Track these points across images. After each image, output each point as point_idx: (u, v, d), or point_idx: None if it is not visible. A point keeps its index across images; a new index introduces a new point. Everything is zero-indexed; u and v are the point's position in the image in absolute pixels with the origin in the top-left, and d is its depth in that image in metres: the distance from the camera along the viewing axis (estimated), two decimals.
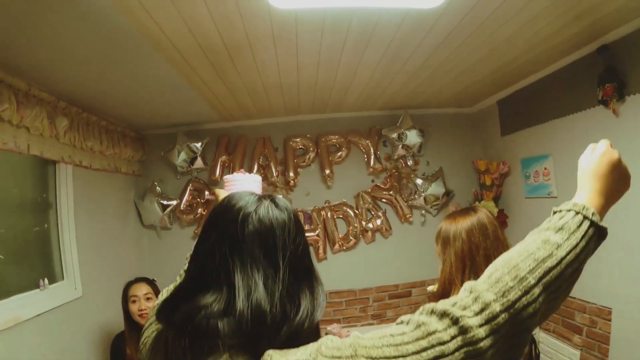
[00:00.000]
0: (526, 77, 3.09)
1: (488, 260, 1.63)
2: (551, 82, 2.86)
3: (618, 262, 2.36)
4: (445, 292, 1.65)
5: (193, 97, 2.82)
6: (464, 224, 1.73)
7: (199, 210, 3.58)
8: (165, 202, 3.51)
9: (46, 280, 2.42)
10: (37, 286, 2.35)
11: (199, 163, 3.53)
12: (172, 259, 3.60)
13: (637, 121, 2.24)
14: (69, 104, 2.45)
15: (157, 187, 3.52)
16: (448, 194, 3.71)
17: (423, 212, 3.71)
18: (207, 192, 3.56)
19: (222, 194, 1.34)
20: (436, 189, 3.63)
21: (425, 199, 3.62)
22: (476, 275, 1.65)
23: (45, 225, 2.61)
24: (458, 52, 2.41)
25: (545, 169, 3.07)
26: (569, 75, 2.66)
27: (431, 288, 1.74)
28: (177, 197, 3.56)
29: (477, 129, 4.00)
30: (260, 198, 0.85)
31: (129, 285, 2.54)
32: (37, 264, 2.51)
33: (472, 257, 1.67)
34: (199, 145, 3.48)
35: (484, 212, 1.72)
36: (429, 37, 2.14)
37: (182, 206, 3.55)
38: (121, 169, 3.27)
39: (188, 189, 3.57)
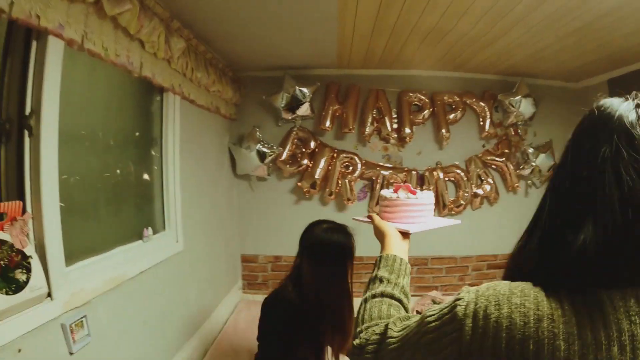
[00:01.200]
0: None
1: None
2: None
3: None
4: None
5: (327, 34, 2.62)
6: None
7: (305, 161, 3.35)
8: (266, 150, 3.26)
9: (150, 230, 2.13)
10: (139, 237, 2.06)
11: (304, 110, 3.29)
12: (263, 213, 3.49)
13: None
14: (182, 25, 2.12)
15: (258, 133, 3.28)
16: (554, 167, 3.58)
17: (529, 182, 3.61)
18: (312, 142, 3.34)
19: (379, 220, 1.17)
20: (545, 160, 3.59)
21: (533, 169, 3.51)
22: None
23: (151, 166, 2.30)
24: (600, 33, 2.47)
25: None
26: None
27: None
28: (277, 145, 3.32)
29: (584, 106, 3.87)
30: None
31: None
32: (139, 211, 2.20)
33: None
34: (307, 90, 3.25)
35: None
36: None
37: (284, 156, 3.31)
38: (220, 109, 3.00)
39: (291, 138, 3.34)
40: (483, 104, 3.49)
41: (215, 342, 2.73)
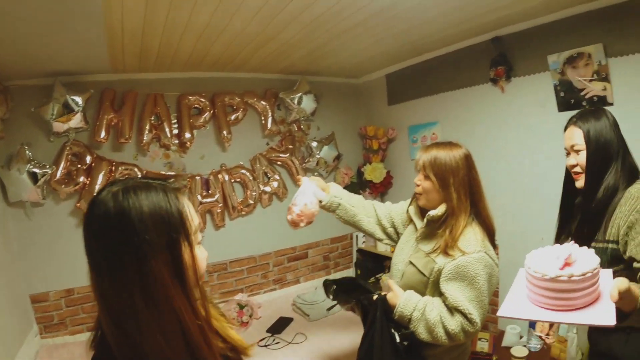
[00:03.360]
0: (419, 55, 3.86)
1: (480, 193, 1.96)
2: (445, 60, 3.70)
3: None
4: (453, 216, 1.86)
5: (95, 32, 2.54)
6: (460, 152, 1.95)
7: (81, 178, 3.39)
8: (37, 170, 3.19)
9: None
10: None
11: (77, 121, 3.30)
12: (45, 243, 3.34)
13: (518, 97, 3.18)
14: None
15: (27, 151, 3.22)
16: (338, 157, 3.97)
17: (316, 174, 3.99)
18: (88, 157, 3.40)
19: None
20: (329, 152, 4.09)
21: (318, 161, 3.80)
22: (477, 208, 1.82)
23: None
24: (375, 30, 2.99)
25: (433, 134, 3.74)
26: (464, 56, 3.53)
27: (434, 212, 1.91)
28: (51, 164, 3.28)
29: (363, 99, 4.61)
30: None
31: None
32: None
33: (471, 189, 1.92)
34: (79, 99, 3.27)
35: (462, 145, 2.00)
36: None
37: (58, 175, 3.29)
38: None
39: (65, 154, 3.34)
40: (264, 103, 3.94)
41: None
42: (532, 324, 3.09)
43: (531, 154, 3.12)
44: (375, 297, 2.05)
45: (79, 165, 3.36)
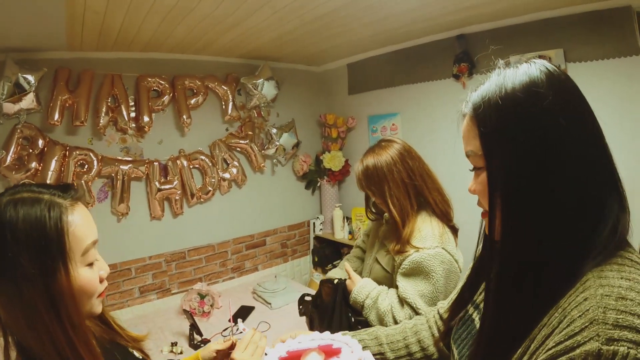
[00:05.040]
0: (383, 47, 3.94)
1: (424, 179, 1.98)
2: (409, 53, 3.78)
3: None
4: (404, 223, 1.91)
5: (54, 6, 2.41)
6: (390, 152, 1.97)
7: (33, 164, 3.21)
8: None
9: None
10: None
11: (29, 102, 3.11)
12: None
13: None
14: None
15: None
16: (298, 144, 4.01)
17: (275, 161, 4.00)
18: (40, 141, 3.23)
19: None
20: (288, 139, 4.15)
21: (277, 148, 3.85)
22: (423, 197, 1.91)
23: None
24: (346, 19, 3.02)
25: (393, 124, 3.83)
26: (428, 50, 3.63)
27: (386, 215, 2.02)
28: (0, 149, 3.11)
29: (324, 87, 4.73)
30: None
31: None
32: None
33: (412, 182, 1.94)
34: (32, 78, 3.09)
35: (395, 139, 2.03)
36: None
37: (8, 160, 3.11)
38: None
39: (15, 137, 3.15)
40: (225, 88, 3.91)
41: None
42: None
43: None
44: (336, 281, 2.11)
45: (31, 150, 3.18)
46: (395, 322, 1.82)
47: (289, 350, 1.24)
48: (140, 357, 1.21)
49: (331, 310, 2.07)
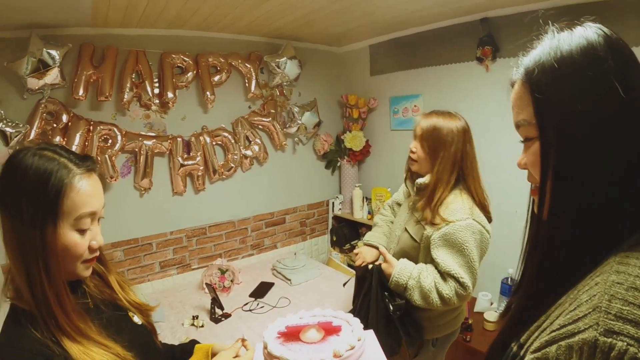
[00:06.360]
0: (406, 29, 3.90)
1: (472, 167, 2.02)
2: (432, 36, 3.75)
3: None
4: (434, 187, 1.96)
5: None
6: (459, 125, 2.03)
7: (57, 138, 3.28)
8: (10, 129, 3.05)
9: None
10: None
11: (54, 77, 3.15)
12: None
13: (502, 77, 3.11)
14: None
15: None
16: (319, 124, 4.02)
17: (296, 139, 4.01)
18: (64, 116, 3.28)
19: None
20: (310, 118, 4.14)
21: (299, 127, 3.85)
22: (466, 184, 2.06)
23: None
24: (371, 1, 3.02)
25: (415, 106, 3.87)
26: (451, 33, 3.59)
27: (422, 180, 2.03)
28: (24, 123, 3.14)
29: (346, 67, 4.77)
30: None
31: None
32: None
33: (461, 164, 1.99)
34: (56, 54, 3.12)
35: (460, 116, 2.09)
36: None
37: (32, 135, 3.17)
38: None
39: (39, 112, 3.19)
40: (249, 66, 3.89)
41: None
42: (504, 291, 3.27)
43: (510, 132, 3.21)
44: (370, 266, 2.14)
45: (55, 125, 3.22)
46: (441, 297, 1.88)
47: (288, 325, 1.26)
48: (140, 323, 1.27)
49: (365, 295, 2.11)
